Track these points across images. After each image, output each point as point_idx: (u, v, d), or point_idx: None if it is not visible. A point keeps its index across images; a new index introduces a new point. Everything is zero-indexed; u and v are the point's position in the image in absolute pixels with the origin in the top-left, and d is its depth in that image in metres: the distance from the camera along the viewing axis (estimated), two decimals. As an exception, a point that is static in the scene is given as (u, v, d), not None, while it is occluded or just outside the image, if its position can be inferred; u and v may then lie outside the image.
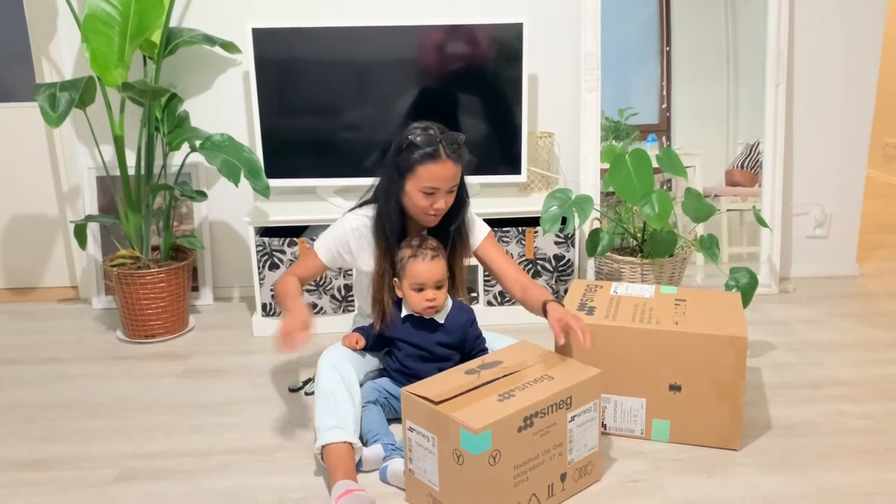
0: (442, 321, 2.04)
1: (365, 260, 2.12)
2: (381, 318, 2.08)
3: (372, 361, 2.17)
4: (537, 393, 1.70)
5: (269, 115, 2.84)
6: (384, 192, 2.04)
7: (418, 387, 1.72)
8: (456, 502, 1.65)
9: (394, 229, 2.05)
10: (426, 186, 1.96)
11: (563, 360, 1.86)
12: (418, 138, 1.95)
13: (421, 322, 2.05)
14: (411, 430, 1.70)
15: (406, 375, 2.09)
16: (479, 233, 2.18)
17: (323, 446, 1.83)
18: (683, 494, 1.80)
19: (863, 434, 2.05)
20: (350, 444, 1.83)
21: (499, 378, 1.77)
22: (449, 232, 2.09)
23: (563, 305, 1.99)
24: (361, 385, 2.05)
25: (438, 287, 2.01)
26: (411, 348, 2.05)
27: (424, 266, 1.99)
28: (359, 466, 1.87)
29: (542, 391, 1.70)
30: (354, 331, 2.14)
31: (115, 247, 2.99)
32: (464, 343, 2.06)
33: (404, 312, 2.07)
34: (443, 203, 2.00)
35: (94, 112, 2.80)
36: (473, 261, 2.79)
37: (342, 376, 1.95)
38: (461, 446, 1.60)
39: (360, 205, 2.14)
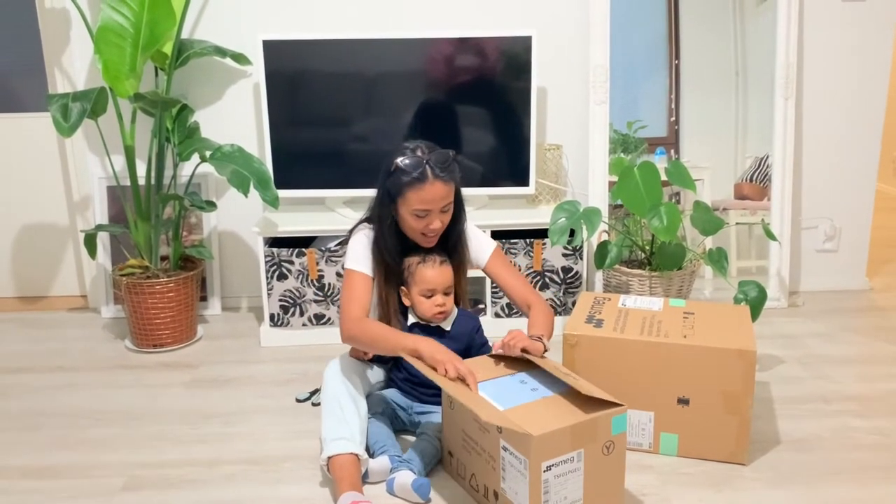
0: (448, 328, 2.05)
1: None
2: None
3: (378, 373, 2.17)
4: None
5: (278, 126, 2.86)
6: (378, 217, 2.02)
7: (537, 427, 1.59)
8: (603, 500, 1.71)
9: (391, 253, 2.03)
10: (417, 209, 1.95)
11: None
12: (405, 162, 1.92)
13: (427, 330, 2.05)
14: (548, 469, 1.61)
15: (413, 384, 2.09)
16: (486, 250, 2.16)
17: (329, 457, 1.82)
18: (691, 509, 1.79)
19: (872, 449, 2.04)
20: (356, 455, 1.82)
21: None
22: (447, 249, 2.08)
23: (542, 343, 1.93)
24: (368, 396, 2.05)
25: (447, 293, 2.02)
26: None
27: (434, 272, 2.00)
28: (365, 478, 1.87)
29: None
30: None
31: (125, 256, 3.00)
32: (470, 350, 2.06)
33: (410, 321, 2.08)
34: (438, 223, 1.99)
35: (106, 122, 2.82)
36: (478, 273, 2.81)
37: (348, 387, 1.95)
38: (612, 434, 1.67)
39: (363, 220, 2.11)
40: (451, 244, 2.08)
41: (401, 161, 1.93)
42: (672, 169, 2.61)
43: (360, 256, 2.03)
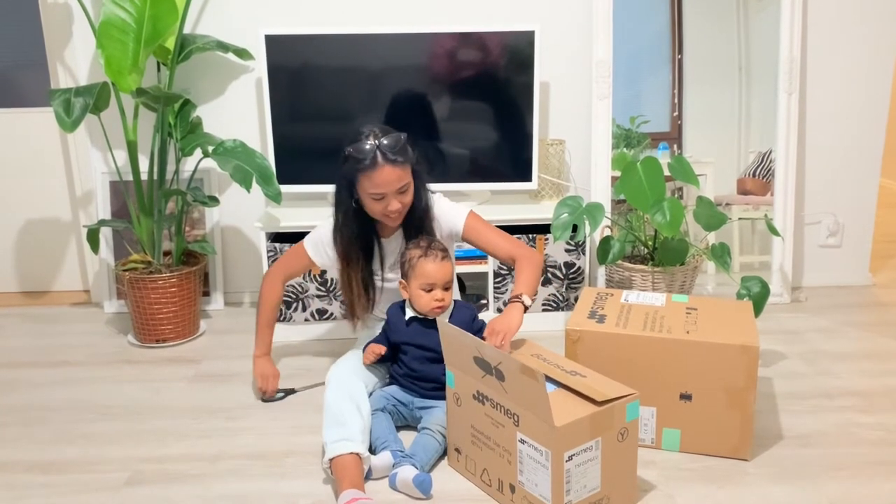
0: (446, 320, 2.05)
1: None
2: (352, 318, 2.23)
3: (380, 373, 2.17)
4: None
5: (281, 121, 2.85)
6: (337, 203, 2.13)
7: (562, 416, 1.61)
8: (618, 490, 1.73)
9: (353, 236, 2.13)
10: (372, 193, 2.00)
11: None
12: (356, 147, 1.98)
13: (426, 323, 2.05)
14: (570, 459, 1.63)
15: (414, 379, 2.09)
16: (458, 218, 2.18)
17: (330, 459, 1.83)
18: (694, 504, 1.80)
19: (876, 445, 2.04)
20: (357, 454, 1.83)
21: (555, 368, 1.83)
22: (412, 227, 2.14)
23: (523, 304, 1.99)
24: (370, 395, 2.05)
25: (447, 287, 2.03)
26: (419, 350, 2.06)
27: (435, 266, 2.01)
28: (369, 475, 1.87)
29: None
30: (370, 343, 2.14)
31: (128, 251, 3.00)
32: None
33: (409, 315, 2.08)
34: (397, 204, 2.04)
35: (108, 117, 2.82)
36: (480, 268, 2.81)
37: (349, 391, 1.96)
38: (627, 421, 1.70)
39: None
40: (414, 222, 2.13)
41: (352, 148, 1.99)
42: (675, 164, 2.61)
43: (318, 241, 2.21)
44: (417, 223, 2.13)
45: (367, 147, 1.97)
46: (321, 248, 2.22)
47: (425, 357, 2.05)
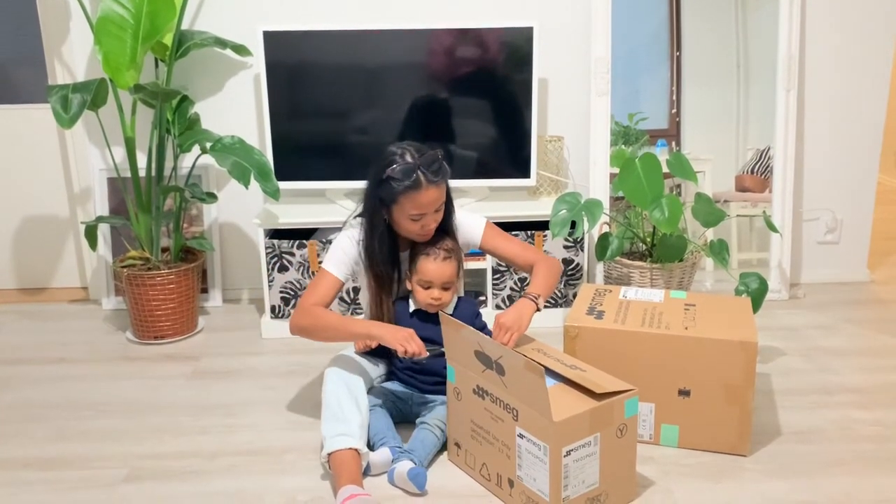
0: (450, 314, 2.04)
1: None
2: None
3: (379, 368, 2.17)
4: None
5: (279, 118, 2.85)
6: (370, 224, 2.03)
7: (561, 411, 1.62)
8: (616, 486, 1.74)
9: (383, 261, 2.05)
10: (412, 214, 1.96)
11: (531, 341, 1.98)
12: (396, 170, 1.92)
13: (428, 316, 2.05)
14: (568, 454, 1.63)
15: (415, 372, 2.10)
16: (476, 229, 2.16)
17: (329, 454, 1.83)
18: (692, 500, 1.79)
19: (873, 441, 2.04)
20: (356, 449, 1.83)
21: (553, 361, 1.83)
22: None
23: (535, 302, 1.97)
24: (369, 391, 2.05)
25: (445, 288, 2.02)
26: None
27: (434, 266, 2.01)
28: (367, 471, 1.87)
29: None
30: None
31: (126, 248, 3.00)
32: None
33: (412, 307, 2.09)
34: (433, 223, 2.01)
35: (106, 114, 2.81)
36: (478, 265, 2.81)
37: (348, 386, 1.95)
38: (626, 417, 1.70)
39: (356, 216, 2.11)
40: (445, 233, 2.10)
41: (392, 170, 1.93)
42: (673, 161, 2.61)
43: (339, 259, 2.06)
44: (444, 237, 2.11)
45: (409, 168, 1.92)
46: (346, 263, 2.06)
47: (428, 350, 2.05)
